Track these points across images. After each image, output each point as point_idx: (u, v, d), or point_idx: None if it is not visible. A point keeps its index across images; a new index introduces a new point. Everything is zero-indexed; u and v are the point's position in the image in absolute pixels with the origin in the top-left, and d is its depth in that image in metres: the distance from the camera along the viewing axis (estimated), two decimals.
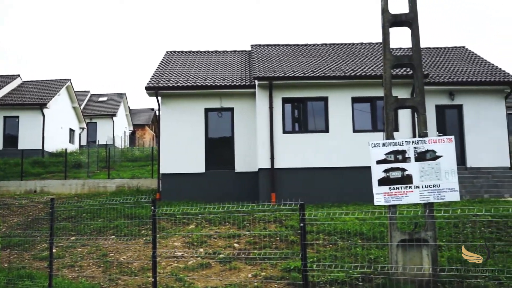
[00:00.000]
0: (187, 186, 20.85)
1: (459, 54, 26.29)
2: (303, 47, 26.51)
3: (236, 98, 21.61)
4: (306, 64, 22.19)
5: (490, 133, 21.68)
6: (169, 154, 21.24)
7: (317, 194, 19.53)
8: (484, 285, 9.48)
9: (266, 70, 20.93)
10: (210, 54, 27.39)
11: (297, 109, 20.90)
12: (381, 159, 10.09)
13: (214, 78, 22.29)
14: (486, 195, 19.52)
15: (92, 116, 50.92)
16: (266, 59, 23.34)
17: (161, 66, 24.55)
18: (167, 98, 21.62)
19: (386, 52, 10.67)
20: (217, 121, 21.76)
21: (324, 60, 23.16)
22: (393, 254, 9.98)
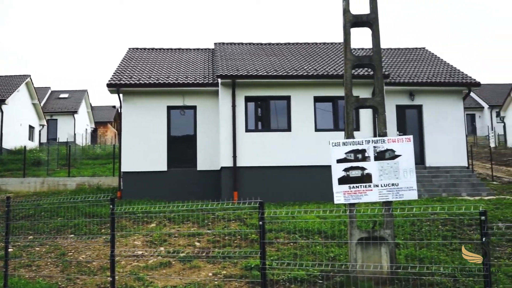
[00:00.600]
0: (148, 185, 20.68)
1: (420, 55, 26.72)
2: (266, 46, 26.57)
3: (199, 96, 21.52)
4: (269, 63, 22.24)
5: (449, 133, 22.09)
6: (130, 152, 21.02)
7: (279, 192, 19.61)
8: (440, 282, 9.66)
9: (229, 69, 20.91)
10: (173, 51, 27.21)
11: (260, 108, 20.94)
12: (341, 158, 10.19)
13: (177, 75, 22.15)
14: (444, 194, 19.90)
15: (53, 113, 50.05)
16: (230, 58, 23.31)
17: (123, 63, 24.27)
18: (129, 95, 21.39)
19: (347, 52, 10.77)
20: (179, 119, 21.62)
21: (287, 59, 23.25)
22: (352, 252, 10.09)
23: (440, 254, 11.46)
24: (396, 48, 28.10)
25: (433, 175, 21.36)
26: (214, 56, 24.68)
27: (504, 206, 15.71)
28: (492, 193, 20.04)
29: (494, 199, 17.41)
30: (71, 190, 23.31)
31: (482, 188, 20.57)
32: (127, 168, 21.00)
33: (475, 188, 20.54)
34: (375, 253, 10.08)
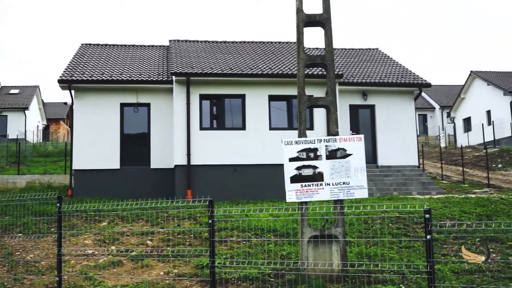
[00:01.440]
0: (101, 183, 20.35)
1: (373, 55, 27.13)
2: (221, 44, 26.52)
3: (153, 93, 21.31)
4: (224, 61, 22.21)
5: (401, 132, 22.51)
6: (82, 149, 20.65)
7: (234, 191, 19.60)
8: (389, 279, 9.82)
9: (183, 66, 20.78)
10: (127, 48, 26.86)
11: (215, 106, 20.90)
12: (293, 157, 10.24)
13: (131, 72, 21.88)
14: (395, 192, 20.27)
15: (3, 109, 48.71)
16: (184, 55, 23.17)
17: (75, 59, 23.82)
18: (81, 92, 21.01)
19: (300, 51, 10.83)
20: (133, 117, 21.37)
21: (242, 57, 23.26)
22: (304, 250, 10.16)
23: (390, 251, 11.65)
24: (350, 48, 28.46)
25: (385, 174, 21.73)
26: (169, 54, 24.49)
27: (452, 205, 16.08)
28: (441, 192, 20.52)
29: (443, 198, 17.81)
30: (21, 188, 22.74)
31: (432, 187, 21.04)
32: (79, 166, 20.62)
33: (425, 187, 20.99)
34: (326, 251, 10.18)
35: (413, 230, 13.38)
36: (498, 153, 35.36)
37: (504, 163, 32.16)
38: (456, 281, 9.74)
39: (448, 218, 14.50)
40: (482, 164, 30.69)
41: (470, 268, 10.56)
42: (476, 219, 14.40)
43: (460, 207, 15.75)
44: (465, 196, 18.22)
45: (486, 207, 15.75)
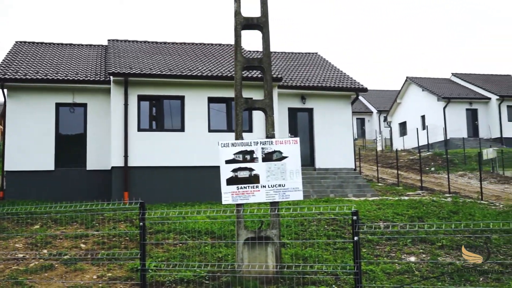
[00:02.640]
0: (34, 185, 19.78)
1: (312, 60, 27.52)
2: (161, 45, 26.29)
3: (90, 93, 20.89)
4: (163, 62, 22.02)
5: (338, 136, 22.91)
6: (15, 150, 20.01)
7: (172, 193, 19.45)
8: (323, 280, 9.97)
9: (122, 66, 20.49)
10: (63, 47, 26.23)
11: (154, 107, 20.70)
12: (230, 159, 10.26)
13: (67, 72, 21.38)
14: (332, 195, 20.60)
15: None
16: (123, 55, 22.84)
17: (8, 56, 23.08)
18: (14, 91, 20.38)
19: (238, 54, 10.87)
20: (69, 117, 20.88)
21: (182, 59, 23.13)
22: (239, 252, 10.19)
23: (325, 253, 11.84)
24: (290, 52, 28.78)
25: (322, 177, 22.06)
26: (107, 53, 24.08)
27: (386, 207, 16.48)
28: (376, 194, 21.00)
29: (378, 200, 18.22)
30: None
31: (367, 189, 21.51)
32: (11, 167, 19.98)
33: (361, 189, 21.44)
34: (261, 253, 10.24)
35: (348, 232, 13.63)
36: (432, 157, 36.53)
37: (437, 167, 33.25)
38: (387, 281, 9.99)
39: (382, 219, 14.86)
40: (416, 167, 31.61)
41: (400, 268, 10.87)
42: (408, 220, 14.81)
43: (393, 209, 16.16)
44: (399, 198, 18.71)
45: (418, 209, 16.22)
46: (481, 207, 17.59)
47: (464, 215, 15.58)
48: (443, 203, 17.68)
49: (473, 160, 32.56)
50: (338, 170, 22.74)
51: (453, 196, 20.37)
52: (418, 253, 12.02)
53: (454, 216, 15.57)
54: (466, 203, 18.21)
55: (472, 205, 17.77)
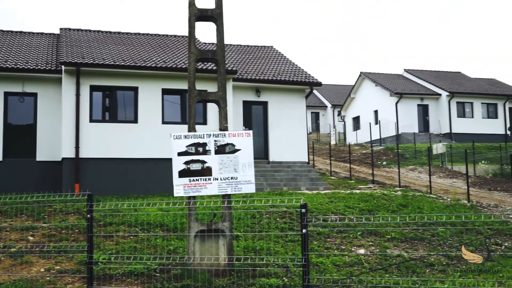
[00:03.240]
0: None
1: (267, 53, 27.58)
2: (115, 34, 25.87)
3: (40, 83, 20.38)
4: (117, 53, 21.69)
5: (292, 129, 23.06)
6: None
7: (125, 185, 19.20)
8: (274, 272, 10.05)
9: (74, 56, 20.07)
10: (13, 34, 25.49)
11: (107, 98, 20.37)
12: (182, 151, 10.21)
13: (16, 60, 20.80)
14: (285, 188, 20.74)
15: None
16: (75, 44, 22.38)
17: None
18: None
19: (191, 45, 10.80)
20: (18, 107, 20.35)
21: (136, 49, 22.82)
22: (191, 244, 10.17)
23: (276, 245, 11.92)
24: (246, 45, 28.75)
25: (276, 170, 22.18)
26: (59, 42, 23.54)
27: (337, 200, 16.71)
28: (329, 188, 21.25)
29: (330, 193, 18.45)
30: None
31: (320, 183, 21.74)
32: None
33: (313, 182, 21.65)
34: (213, 246, 10.25)
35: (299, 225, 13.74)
36: (384, 151, 37.18)
37: (389, 161, 33.87)
38: (337, 273, 10.14)
39: (333, 212, 15.06)
40: (368, 161, 32.10)
41: (350, 260, 11.04)
42: (359, 213, 15.07)
43: (345, 202, 16.41)
44: (351, 192, 18.98)
45: (369, 202, 16.52)
46: (429, 200, 18.02)
47: (413, 209, 15.94)
48: (393, 196, 18.04)
49: (423, 154, 33.28)
50: (291, 163, 22.91)
51: (403, 190, 20.80)
52: (368, 246, 12.23)
53: (403, 209, 15.92)
54: (416, 196, 18.64)
55: (421, 198, 18.19)
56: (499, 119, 44.37)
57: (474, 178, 28.64)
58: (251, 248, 11.33)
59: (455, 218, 12.91)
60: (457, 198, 19.42)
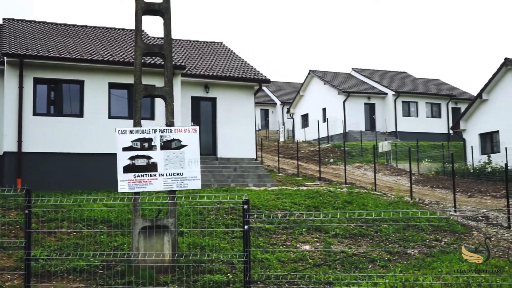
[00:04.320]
0: None
1: (217, 49, 27.51)
2: (61, 26, 25.27)
3: None
4: (63, 45, 21.20)
5: (240, 126, 23.08)
6: None
7: (70, 180, 18.82)
8: (219, 268, 10.05)
9: (17, 47, 19.52)
10: None
11: (52, 91, 19.91)
12: (127, 146, 10.09)
13: None
14: (233, 184, 20.75)
15: None
16: (19, 36, 21.75)
17: None
18: None
19: (138, 39, 10.69)
20: None
21: (83, 42, 22.36)
22: (135, 241, 10.06)
23: (222, 242, 11.92)
24: (195, 40, 28.61)
25: (224, 166, 22.17)
26: (1, 33, 22.82)
27: (284, 196, 16.84)
28: (276, 184, 21.38)
29: (277, 190, 18.57)
30: None
31: (267, 179, 21.84)
32: None
33: (261, 179, 21.74)
34: (158, 242, 10.17)
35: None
36: (331, 149, 37.67)
37: (336, 158, 34.34)
38: (281, 269, 10.22)
39: (280, 209, 15.17)
40: (316, 158, 32.42)
41: (295, 256, 11.15)
42: (305, 210, 15.21)
43: (291, 198, 16.55)
44: (297, 189, 19.15)
45: (315, 199, 16.71)
46: (374, 197, 18.37)
47: (357, 205, 16.21)
48: (339, 193, 18.31)
49: (369, 152, 33.89)
50: (240, 160, 22.94)
51: (349, 187, 21.14)
52: (313, 242, 12.38)
53: (348, 206, 16.17)
54: (361, 193, 18.97)
55: (366, 195, 18.53)
56: (443, 118, 45.62)
57: (418, 176, 29.37)
58: (197, 245, 11.30)
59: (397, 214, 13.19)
60: (401, 195, 19.86)
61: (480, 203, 20.35)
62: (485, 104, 32.21)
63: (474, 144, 32.68)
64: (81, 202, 13.24)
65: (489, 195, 22.56)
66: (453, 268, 10.13)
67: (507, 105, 30.01)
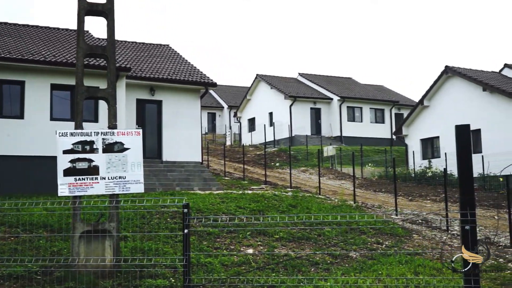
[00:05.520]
0: None
1: (163, 52, 27.32)
2: (2, 25, 24.54)
3: None
4: (3, 44, 20.60)
5: (186, 129, 22.97)
6: None
7: (10, 183, 18.25)
8: (161, 273, 9.94)
9: None
10: None
11: None
12: (68, 149, 9.86)
13: None
14: (178, 188, 20.61)
15: None
16: None
17: None
18: None
19: (80, 40, 10.48)
20: None
21: (24, 42, 21.78)
22: (75, 245, 9.84)
23: (165, 246, 11.81)
24: (141, 42, 28.32)
25: (169, 170, 22.00)
26: None
27: (229, 200, 16.83)
28: (221, 188, 21.36)
29: (222, 193, 18.55)
30: None
31: (213, 183, 21.80)
32: None
33: (206, 182, 21.68)
34: (99, 246, 9.97)
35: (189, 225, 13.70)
36: (277, 153, 37.94)
37: (282, 162, 34.59)
38: (224, 273, 10.20)
39: (224, 212, 15.15)
40: (262, 162, 32.59)
41: (238, 260, 11.15)
42: (249, 213, 15.25)
43: (236, 202, 16.55)
44: (243, 192, 19.17)
45: (260, 202, 16.77)
46: (318, 201, 18.58)
47: (302, 209, 16.36)
48: (284, 197, 18.43)
49: (314, 156, 34.28)
50: (185, 163, 22.81)
51: (294, 191, 21.32)
52: (256, 245, 12.41)
53: (292, 209, 16.30)
54: (305, 197, 19.16)
55: (310, 199, 18.72)
56: (386, 124, 46.65)
57: (361, 180, 29.90)
58: (139, 249, 11.16)
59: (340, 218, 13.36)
60: (344, 199, 20.18)
61: (420, 206, 20.88)
62: (426, 110, 33.14)
63: (415, 149, 33.55)
64: (20, 206, 12.85)
65: (429, 199, 23.17)
66: (393, 270, 10.35)
67: (447, 112, 30.96)
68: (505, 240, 14.40)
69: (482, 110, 29.43)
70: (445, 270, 10.11)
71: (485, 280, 10.05)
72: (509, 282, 10.04)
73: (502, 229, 15.97)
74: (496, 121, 28.57)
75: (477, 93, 29.96)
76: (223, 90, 61.34)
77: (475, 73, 31.54)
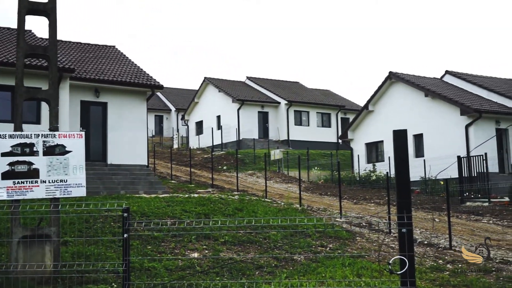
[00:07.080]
0: None
1: (109, 53, 26.89)
2: None
3: None
4: None
5: (132, 132, 22.64)
6: None
7: None
8: (103, 278, 9.76)
9: None
10: None
11: None
12: (7, 152, 9.58)
13: None
14: (123, 191, 20.28)
15: None
16: None
17: None
18: None
19: (20, 40, 10.23)
20: None
21: None
22: (14, 251, 9.57)
23: (108, 250, 11.61)
24: (86, 43, 27.80)
25: (114, 173, 21.65)
26: None
27: (175, 204, 16.69)
28: (167, 191, 21.16)
29: (168, 197, 18.37)
30: None
31: (159, 186, 21.58)
32: None
33: (152, 186, 21.44)
34: (39, 252, 9.73)
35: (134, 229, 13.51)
36: (225, 156, 37.88)
37: (229, 165, 34.57)
38: (168, 277, 10.10)
39: (170, 216, 15.01)
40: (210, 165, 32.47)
41: (183, 264, 11.07)
42: (195, 217, 15.16)
43: (182, 206, 16.43)
44: (189, 196, 19.05)
45: (206, 206, 16.70)
46: (264, 204, 18.64)
47: (248, 212, 16.38)
48: (230, 200, 18.42)
49: (262, 160, 34.39)
50: (131, 166, 22.49)
51: (241, 194, 21.33)
52: (202, 249, 12.35)
53: (238, 213, 16.30)
54: (252, 200, 19.19)
55: (257, 202, 18.77)
56: (332, 128, 47.29)
57: (308, 184, 30.21)
58: (81, 254, 10.93)
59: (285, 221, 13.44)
60: (290, 202, 20.31)
61: (364, 209, 21.24)
62: (371, 115, 33.80)
63: (360, 153, 34.15)
64: None
65: (373, 202, 23.60)
66: (336, 273, 10.48)
67: (391, 116, 31.65)
68: (444, 242, 14.79)
69: (425, 116, 30.23)
70: (385, 272, 10.30)
71: (425, 281, 10.30)
72: (448, 283, 10.32)
73: (442, 231, 16.40)
74: (438, 126, 29.38)
75: (420, 99, 30.75)
76: (170, 93, 60.90)
77: (418, 79, 32.36)
